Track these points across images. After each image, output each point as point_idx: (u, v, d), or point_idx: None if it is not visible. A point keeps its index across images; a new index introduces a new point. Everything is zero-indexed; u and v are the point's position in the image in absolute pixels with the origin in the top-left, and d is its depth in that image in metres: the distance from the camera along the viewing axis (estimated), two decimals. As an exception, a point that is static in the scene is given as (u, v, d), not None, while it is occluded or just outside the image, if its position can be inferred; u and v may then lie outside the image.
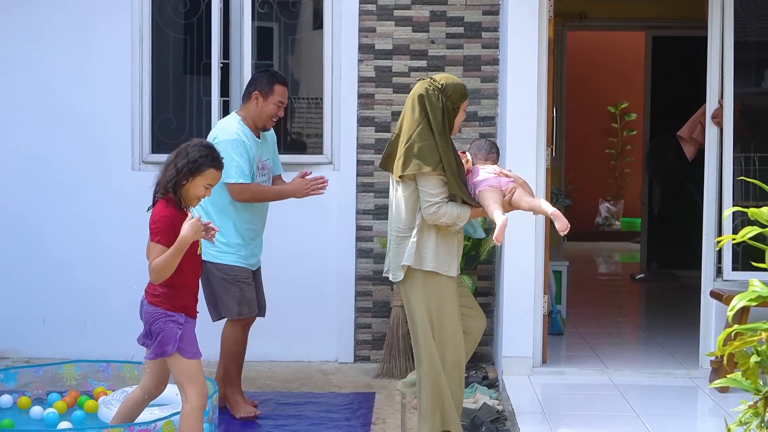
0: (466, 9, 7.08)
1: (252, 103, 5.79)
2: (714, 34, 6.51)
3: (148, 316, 4.67)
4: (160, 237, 4.53)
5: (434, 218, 4.87)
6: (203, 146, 4.69)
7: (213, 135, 5.74)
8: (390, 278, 5.11)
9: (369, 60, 7.12)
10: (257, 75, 5.93)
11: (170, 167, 4.59)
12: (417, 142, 4.88)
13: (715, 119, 6.51)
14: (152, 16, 7.20)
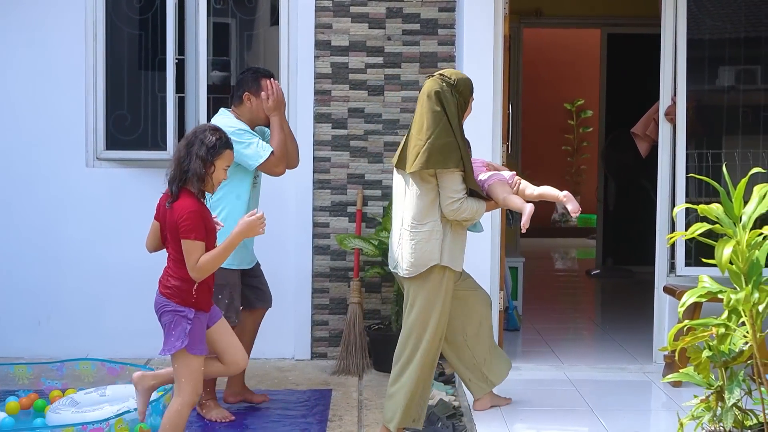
0: (422, 6, 7.09)
1: (246, 105, 5.74)
2: (667, 31, 6.57)
3: (158, 307, 4.63)
4: (196, 233, 4.49)
5: (456, 214, 5.04)
6: (212, 129, 4.64)
7: None
8: (400, 274, 5.20)
9: (325, 56, 7.10)
10: (241, 76, 5.85)
11: (189, 158, 4.52)
12: (439, 139, 5.00)
13: (669, 116, 6.57)
14: (106, 12, 7.13)
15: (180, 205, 4.51)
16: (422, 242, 5.08)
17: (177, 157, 4.59)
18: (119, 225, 7.14)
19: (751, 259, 3.58)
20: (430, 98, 5.09)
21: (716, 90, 6.90)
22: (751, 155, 6.71)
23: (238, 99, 5.78)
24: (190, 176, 4.51)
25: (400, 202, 5.22)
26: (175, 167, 4.57)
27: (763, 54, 6.66)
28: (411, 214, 5.11)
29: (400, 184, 5.23)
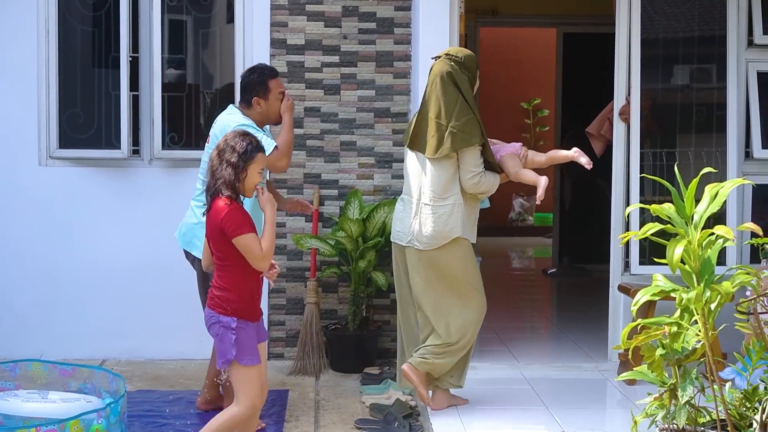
0: (378, 4, 7.08)
1: (256, 109, 5.66)
2: (621, 31, 6.61)
3: (206, 319, 4.59)
4: (247, 227, 4.45)
5: (476, 188, 5.33)
6: (242, 135, 4.60)
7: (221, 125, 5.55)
8: (418, 246, 5.36)
9: (281, 55, 7.07)
10: (247, 80, 5.72)
11: (222, 166, 4.47)
12: (460, 118, 5.26)
13: (623, 116, 6.61)
14: (59, 8, 7.05)
15: (215, 211, 4.48)
16: (445, 215, 5.31)
17: (211, 167, 4.54)
18: (72, 224, 7.07)
19: (702, 258, 3.60)
20: (443, 80, 5.33)
21: (670, 88, 6.95)
22: (704, 153, 6.76)
23: (246, 103, 5.68)
24: (220, 184, 4.48)
25: (415, 178, 5.41)
26: (209, 176, 4.54)
27: (717, 53, 6.71)
28: (432, 189, 5.32)
29: (413, 161, 5.43)
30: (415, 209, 5.39)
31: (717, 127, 6.75)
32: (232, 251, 4.48)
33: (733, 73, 6.60)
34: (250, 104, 5.67)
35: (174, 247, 6.66)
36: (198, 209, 5.52)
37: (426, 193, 5.35)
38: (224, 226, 4.43)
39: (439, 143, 5.27)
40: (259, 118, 5.67)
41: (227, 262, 4.51)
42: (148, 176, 7.10)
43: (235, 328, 4.48)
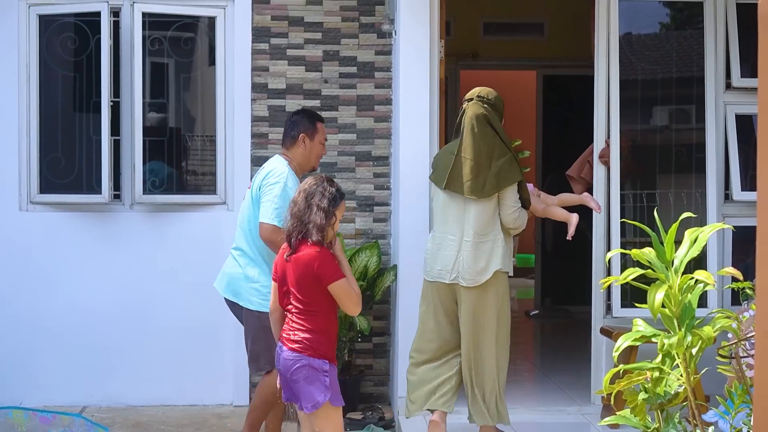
0: (359, 49, 7.11)
1: (299, 147, 5.68)
2: (600, 74, 6.66)
3: (290, 363, 4.52)
4: (340, 272, 4.50)
5: (515, 223, 5.59)
6: (329, 180, 4.64)
7: (267, 173, 5.56)
8: (463, 284, 5.52)
9: (262, 99, 7.09)
10: (296, 117, 5.78)
11: (310, 210, 4.49)
12: (500, 158, 5.52)
13: (603, 159, 6.63)
14: (40, 54, 7.05)
15: (307, 257, 4.47)
16: (487, 251, 5.52)
17: (296, 211, 4.55)
18: (53, 269, 7.02)
19: (683, 303, 3.60)
20: (480, 122, 5.57)
21: (650, 129, 7.00)
22: (684, 195, 6.80)
23: (291, 140, 5.69)
24: (310, 228, 4.48)
25: (455, 217, 5.56)
26: (294, 220, 4.54)
27: (695, 94, 6.77)
28: (475, 227, 5.52)
29: (450, 201, 5.59)
30: (458, 247, 5.54)
31: (696, 168, 6.79)
32: (321, 296, 4.49)
33: (712, 116, 6.66)
34: (295, 141, 5.67)
35: (155, 292, 6.69)
36: (241, 258, 5.52)
37: (468, 230, 5.53)
38: (320, 273, 4.44)
39: (483, 184, 5.49)
40: (300, 160, 5.68)
41: (314, 307, 4.50)
42: (129, 221, 7.08)
43: (327, 370, 4.49)
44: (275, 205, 5.42)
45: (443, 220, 5.64)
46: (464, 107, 5.71)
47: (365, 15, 7.10)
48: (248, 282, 5.53)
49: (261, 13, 7.07)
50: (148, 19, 7.02)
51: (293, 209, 4.56)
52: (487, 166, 5.50)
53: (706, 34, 6.67)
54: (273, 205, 5.43)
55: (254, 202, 5.55)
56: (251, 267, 5.55)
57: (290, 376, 4.51)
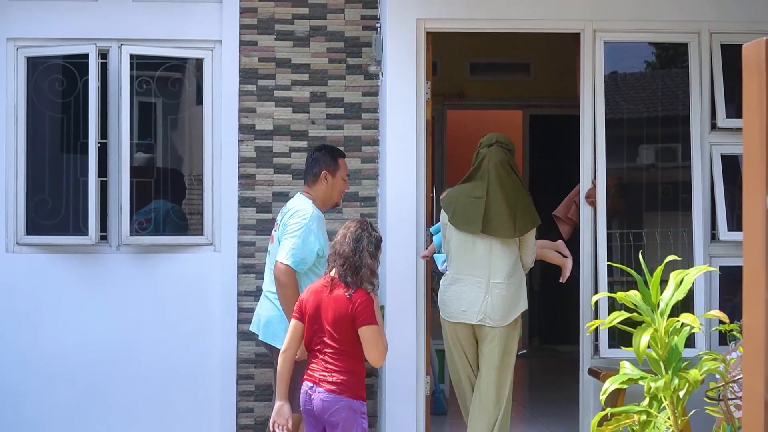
0: (346, 90, 7.14)
1: (321, 184, 5.66)
2: (586, 114, 6.69)
3: (327, 404, 4.51)
4: (376, 319, 4.55)
5: (532, 263, 5.96)
6: (369, 224, 4.72)
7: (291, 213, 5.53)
8: (493, 324, 5.72)
9: (249, 140, 7.10)
10: (317, 154, 5.76)
11: (360, 254, 4.56)
12: (525, 201, 5.85)
13: (589, 199, 6.66)
14: (27, 95, 7.06)
15: (360, 298, 4.53)
16: (515, 292, 5.77)
17: (344, 253, 4.60)
18: (39, 311, 6.98)
19: (669, 346, 3.60)
20: (505, 167, 5.88)
21: (636, 168, 7.02)
22: (671, 234, 6.82)
23: (313, 177, 5.67)
24: (364, 271, 4.55)
25: (482, 259, 5.75)
26: (343, 263, 4.58)
27: (681, 132, 6.80)
28: (503, 269, 5.75)
29: (477, 244, 5.77)
30: (486, 288, 5.72)
31: (683, 207, 6.81)
32: (356, 337, 4.53)
33: (698, 157, 6.69)
34: (317, 179, 5.65)
35: (142, 334, 6.66)
36: (277, 300, 5.47)
37: (497, 272, 5.74)
38: (358, 313, 4.48)
39: (513, 227, 5.75)
40: (323, 197, 5.66)
41: (349, 347, 4.52)
42: (116, 262, 7.06)
43: (365, 412, 4.54)
44: (293, 246, 5.40)
45: (468, 262, 5.78)
46: (483, 152, 5.98)
47: (352, 56, 7.13)
48: (286, 324, 5.42)
49: (248, 54, 7.10)
50: (135, 60, 7.03)
51: (338, 250, 4.60)
52: (515, 209, 5.77)
53: (692, 75, 6.72)
54: (291, 245, 5.40)
55: (280, 242, 5.52)
56: None
57: (328, 418, 4.51)
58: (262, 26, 7.12)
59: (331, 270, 4.65)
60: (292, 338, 4.67)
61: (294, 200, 5.69)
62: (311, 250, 5.49)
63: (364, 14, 7.13)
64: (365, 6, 7.12)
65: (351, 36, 7.13)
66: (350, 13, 7.14)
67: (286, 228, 5.48)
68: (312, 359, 4.59)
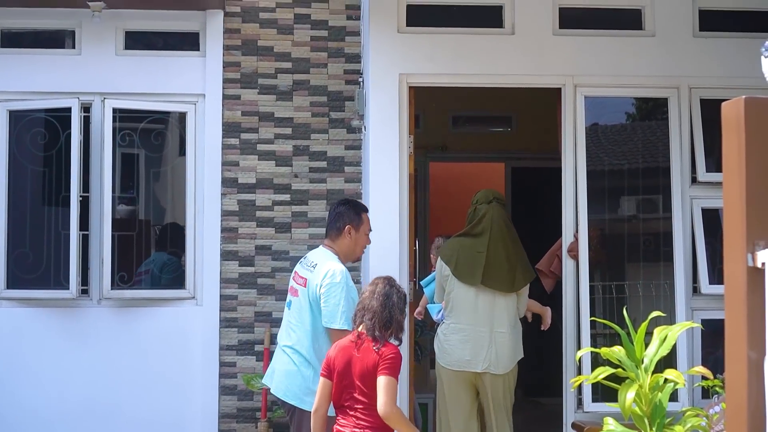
0: (329, 144, 7.17)
1: (345, 238, 5.51)
2: (567, 169, 6.73)
3: None
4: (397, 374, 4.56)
5: (523, 314, 6.23)
6: (393, 281, 4.76)
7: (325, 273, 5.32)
8: (498, 372, 5.99)
9: (232, 194, 7.11)
10: (341, 209, 5.62)
11: (390, 309, 4.60)
12: (522, 255, 6.14)
13: (571, 252, 6.67)
14: (9, 149, 7.06)
15: (391, 350, 4.54)
16: (517, 340, 6.07)
17: (373, 308, 4.60)
18: (19, 365, 6.93)
19: (654, 401, 3.60)
20: (506, 223, 6.21)
21: (617, 219, 7.04)
22: (653, 286, 6.82)
23: (336, 231, 5.52)
24: (394, 327, 4.59)
25: (485, 311, 6.00)
26: (372, 317, 4.58)
27: (662, 183, 6.84)
28: (506, 319, 6.02)
29: (480, 296, 6.02)
30: (489, 338, 5.97)
31: (665, 257, 6.82)
32: None
33: (678, 210, 6.72)
34: (341, 233, 5.51)
35: (123, 388, 6.60)
36: (296, 356, 5.33)
37: (500, 322, 6.00)
38: (382, 362, 4.46)
39: (513, 279, 6.06)
40: (346, 251, 5.53)
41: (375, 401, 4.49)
42: (97, 316, 7.02)
43: None
44: (343, 308, 5.25)
45: (471, 313, 5.99)
46: (483, 209, 6.23)
47: (335, 110, 7.18)
48: (304, 382, 5.27)
49: (232, 108, 7.13)
50: (119, 114, 7.05)
51: (367, 305, 4.61)
52: (515, 264, 6.07)
53: (671, 129, 6.77)
54: (341, 308, 5.24)
55: (313, 302, 5.31)
56: (306, 367, 5.30)
57: None
58: (246, 80, 7.16)
59: (359, 326, 4.63)
60: (321, 396, 4.65)
61: (318, 255, 5.52)
62: (355, 300, 5.44)
63: (347, 69, 7.19)
64: (348, 61, 7.18)
65: (334, 90, 7.18)
66: (333, 68, 7.19)
67: (326, 291, 5.27)
68: (341, 416, 4.56)
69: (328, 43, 7.21)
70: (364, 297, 4.67)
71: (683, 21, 6.86)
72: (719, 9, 6.96)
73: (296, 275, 5.47)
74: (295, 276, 5.48)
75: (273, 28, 7.20)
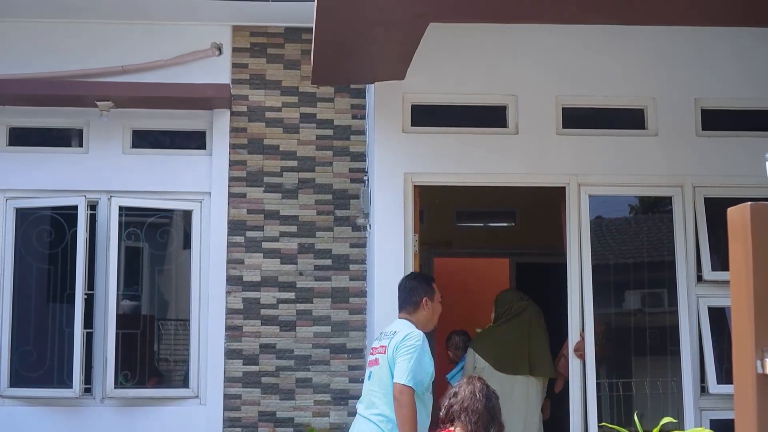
0: (333, 242, 7.18)
1: (423, 311, 5.63)
2: (573, 267, 6.72)
3: None
4: None
5: None
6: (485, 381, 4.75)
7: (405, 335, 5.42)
8: None
9: (237, 292, 7.10)
10: (413, 283, 5.74)
11: (494, 413, 4.61)
12: None
13: (578, 352, 6.63)
14: (15, 246, 7.08)
15: None
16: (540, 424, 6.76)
17: (477, 409, 4.58)
18: (20, 466, 6.85)
19: None
20: (539, 316, 6.96)
21: (623, 313, 7.02)
22: (660, 384, 6.76)
23: (414, 305, 5.63)
24: (495, 426, 4.58)
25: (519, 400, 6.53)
26: (477, 420, 4.56)
27: (667, 278, 6.83)
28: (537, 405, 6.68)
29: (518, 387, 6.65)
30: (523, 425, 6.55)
31: (672, 353, 6.77)
32: None
33: (684, 309, 6.69)
34: (418, 306, 5.62)
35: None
36: (384, 423, 5.35)
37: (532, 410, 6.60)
38: None
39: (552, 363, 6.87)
40: (423, 321, 5.62)
41: None
42: (100, 416, 6.95)
43: None
44: (411, 367, 5.31)
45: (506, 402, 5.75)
46: (520, 305, 7.05)
47: (340, 209, 7.20)
48: None
49: (237, 206, 7.17)
50: (124, 211, 7.08)
51: (469, 406, 4.58)
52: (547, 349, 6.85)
53: (676, 228, 6.79)
54: (410, 367, 5.30)
55: (392, 364, 5.39)
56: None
57: None
58: (251, 179, 7.21)
59: (456, 428, 4.58)
60: None
61: (398, 324, 5.60)
62: (427, 371, 5.43)
63: (352, 167, 7.24)
64: (353, 159, 7.24)
65: (339, 188, 7.22)
66: (338, 166, 7.24)
67: (401, 350, 5.38)
68: None
69: (334, 142, 7.27)
70: (463, 397, 4.61)
71: (686, 120, 6.93)
72: (721, 108, 7.03)
73: (373, 349, 5.58)
74: (373, 350, 5.58)
75: (279, 127, 7.27)
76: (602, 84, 6.95)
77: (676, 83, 6.96)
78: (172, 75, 7.16)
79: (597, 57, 6.97)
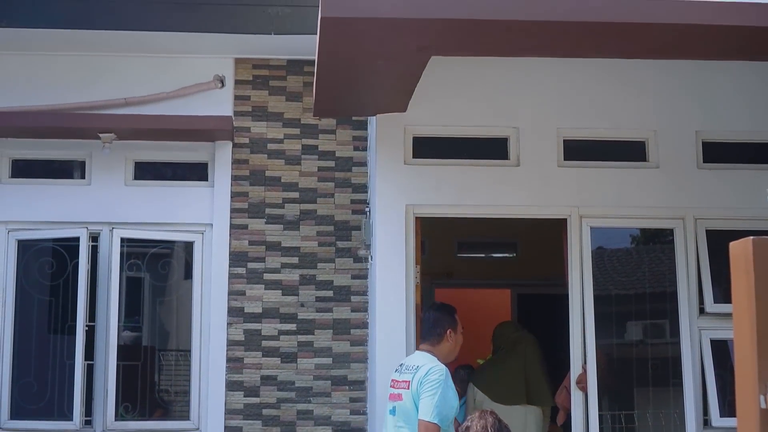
0: (335, 273, 7.18)
1: (446, 343, 5.58)
2: (574, 298, 6.72)
3: None
4: None
5: None
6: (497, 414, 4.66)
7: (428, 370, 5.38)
8: None
9: (238, 323, 7.09)
10: (437, 314, 5.68)
11: None
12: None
13: (580, 384, 6.62)
14: (17, 278, 7.07)
15: None
16: None
17: None
18: (19, 499, 6.82)
19: None
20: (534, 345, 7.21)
21: (625, 344, 7.01)
22: (663, 416, 6.75)
23: (437, 337, 5.58)
24: None
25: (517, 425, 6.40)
26: None
27: (669, 309, 6.82)
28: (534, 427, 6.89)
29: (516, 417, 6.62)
30: None
31: (674, 384, 6.76)
32: None
33: (687, 341, 6.68)
34: (442, 338, 5.57)
35: None
36: None
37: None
38: None
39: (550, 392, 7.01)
40: (446, 353, 5.58)
41: None
42: (100, 447, 6.94)
43: None
44: (436, 403, 5.27)
45: None
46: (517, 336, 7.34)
47: (342, 240, 7.20)
48: None
49: (239, 238, 7.17)
50: (126, 242, 7.08)
51: None
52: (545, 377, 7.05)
53: (678, 260, 6.79)
54: (434, 402, 5.27)
55: (417, 399, 5.36)
56: None
57: None
58: (253, 210, 7.21)
59: None
60: None
61: (419, 358, 5.55)
62: (452, 405, 5.40)
63: (354, 198, 7.25)
64: (355, 191, 7.25)
65: (341, 220, 7.23)
66: (340, 198, 7.25)
67: (425, 385, 5.35)
68: None
69: (335, 174, 7.28)
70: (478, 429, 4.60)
71: (687, 153, 6.95)
72: (722, 141, 7.05)
73: (395, 382, 5.53)
74: (394, 383, 5.53)
75: (281, 159, 7.29)
76: (603, 116, 6.98)
77: (677, 116, 6.99)
78: (175, 107, 7.19)
79: (598, 89, 7.00)
